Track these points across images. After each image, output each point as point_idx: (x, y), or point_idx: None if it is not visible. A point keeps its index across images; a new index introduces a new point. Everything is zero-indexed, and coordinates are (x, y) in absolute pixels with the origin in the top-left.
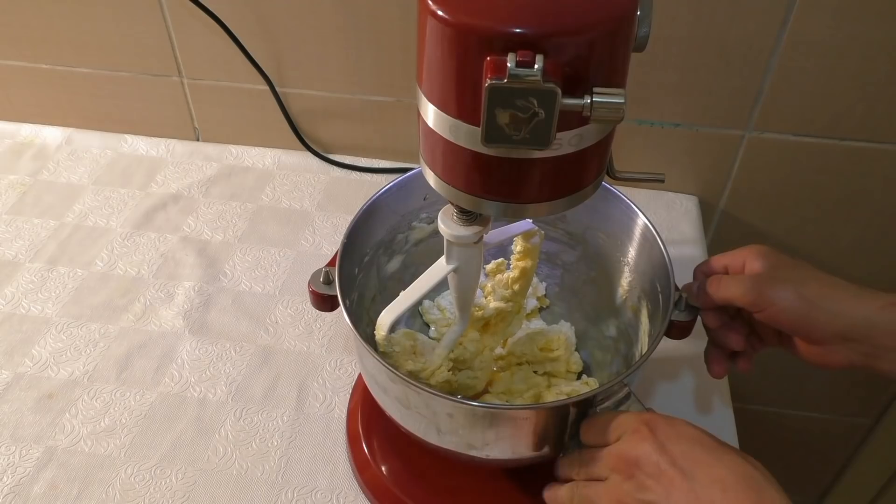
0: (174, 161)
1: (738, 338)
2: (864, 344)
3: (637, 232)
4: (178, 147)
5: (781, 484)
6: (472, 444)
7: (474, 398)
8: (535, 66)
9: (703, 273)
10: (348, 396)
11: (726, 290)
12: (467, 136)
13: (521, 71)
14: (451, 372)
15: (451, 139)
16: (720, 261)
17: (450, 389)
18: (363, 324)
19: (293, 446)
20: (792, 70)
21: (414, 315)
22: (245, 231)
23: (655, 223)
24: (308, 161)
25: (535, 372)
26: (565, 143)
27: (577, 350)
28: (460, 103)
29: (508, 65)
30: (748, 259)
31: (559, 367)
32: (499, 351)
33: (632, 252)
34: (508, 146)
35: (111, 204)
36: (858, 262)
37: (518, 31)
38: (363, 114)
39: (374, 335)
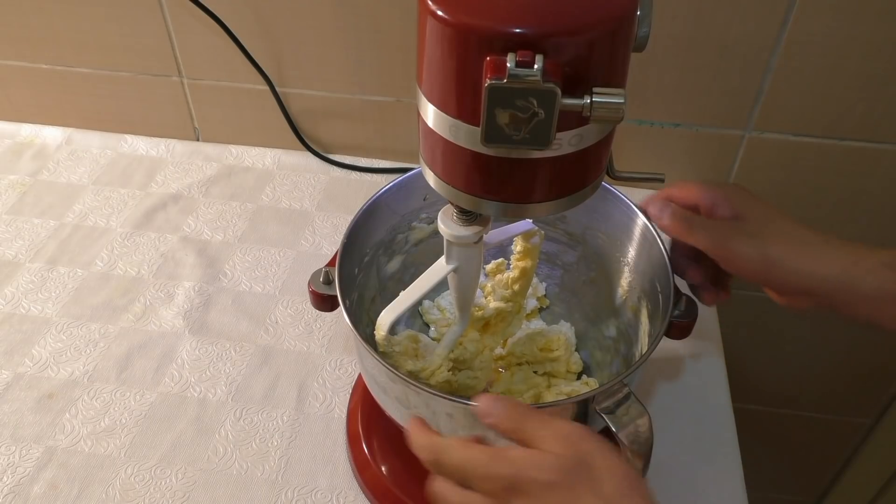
0: (174, 161)
1: (696, 273)
2: (827, 298)
3: (637, 232)
4: (178, 147)
5: (781, 484)
6: None
7: (474, 398)
8: (535, 66)
9: (671, 199)
10: (348, 396)
11: (692, 236)
12: (467, 136)
13: (521, 71)
14: (451, 372)
15: (451, 139)
16: (689, 193)
17: (450, 389)
18: (363, 324)
19: (293, 446)
20: (792, 70)
21: (414, 315)
22: (245, 231)
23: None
24: (308, 161)
25: (535, 372)
26: (565, 143)
27: (576, 350)
28: (460, 103)
29: (508, 65)
30: (718, 203)
31: (559, 367)
32: (499, 351)
33: (631, 252)
34: (508, 146)
35: (111, 204)
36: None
37: (518, 30)
38: (363, 114)
39: (373, 335)
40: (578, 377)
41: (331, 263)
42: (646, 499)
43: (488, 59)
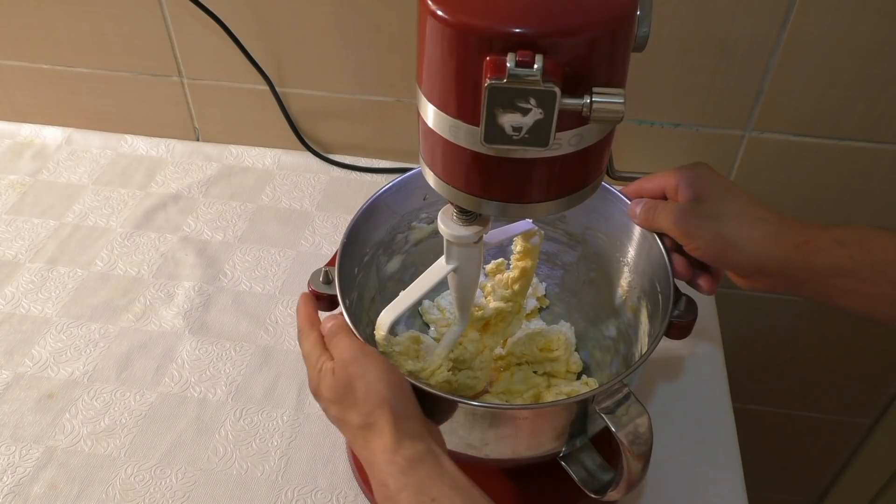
0: (174, 161)
1: (681, 266)
2: (782, 277)
3: (636, 232)
4: (178, 147)
5: (782, 484)
6: (472, 443)
7: (474, 398)
8: (535, 66)
9: (637, 193)
10: None
11: (656, 222)
12: (467, 136)
13: (521, 71)
14: (451, 372)
15: (451, 139)
16: (653, 183)
17: (450, 389)
18: (363, 324)
19: (293, 446)
20: (792, 69)
21: (414, 315)
22: (245, 231)
23: None
24: (308, 161)
25: (534, 372)
26: (565, 143)
27: (576, 350)
28: (460, 103)
29: (508, 65)
30: (680, 186)
31: (559, 367)
32: (498, 351)
33: (631, 252)
34: (508, 146)
35: (111, 204)
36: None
37: (518, 30)
38: (363, 114)
39: (373, 335)
40: (578, 377)
41: (330, 263)
42: (392, 412)
43: (488, 58)
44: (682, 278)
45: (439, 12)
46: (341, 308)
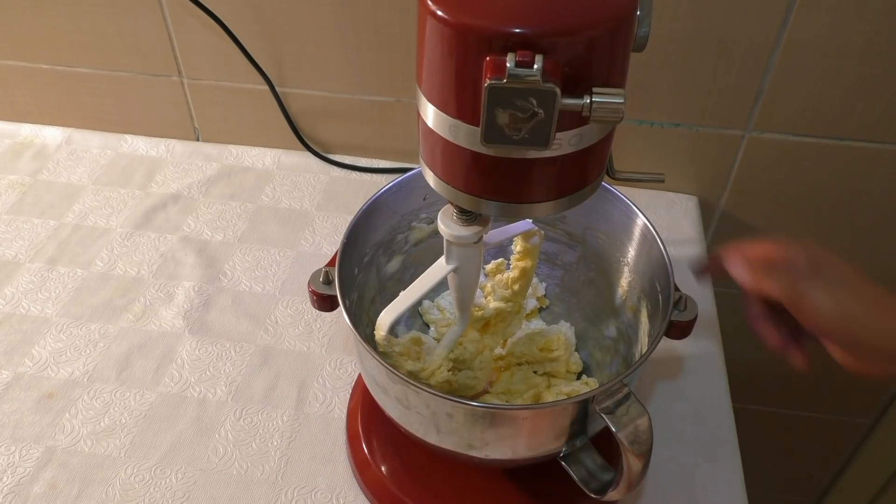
0: (174, 161)
1: (773, 334)
2: None
3: (637, 232)
4: (178, 147)
5: (782, 484)
6: (472, 444)
7: (474, 398)
8: (535, 66)
9: (739, 252)
10: (348, 396)
11: (766, 283)
12: (467, 136)
13: (521, 71)
14: (451, 372)
15: (451, 139)
16: (761, 248)
17: (450, 389)
18: (363, 324)
19: (293, 446)
20: (792, 69)
21: (414, 315)
22: (245, 231)
23: (655, 223)
24: (308, 161)
25: (534, 372)
26: (565, 143)
27: (576, 350)
28: (460, 103)
29: (508, 65)
30: (794, 255)
31: (559, 367)
32: (499, 351)
33: (631, 252)
34: (508, 146)
35: (111, 204)
36: (858, 263)
37: (517, 30)
38: (363, 114)
39: (373, 335)
40: (578, 377)
41: (331, 263)
42: None
43: (488, 59)
44: (773, 349)
45: (439, 12)
46: (341, 308)
